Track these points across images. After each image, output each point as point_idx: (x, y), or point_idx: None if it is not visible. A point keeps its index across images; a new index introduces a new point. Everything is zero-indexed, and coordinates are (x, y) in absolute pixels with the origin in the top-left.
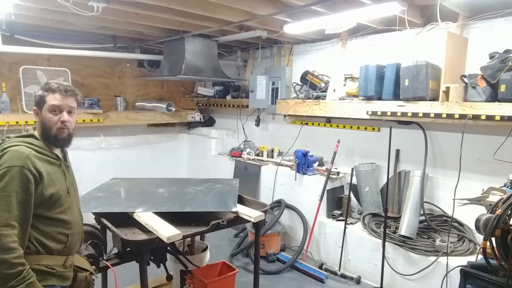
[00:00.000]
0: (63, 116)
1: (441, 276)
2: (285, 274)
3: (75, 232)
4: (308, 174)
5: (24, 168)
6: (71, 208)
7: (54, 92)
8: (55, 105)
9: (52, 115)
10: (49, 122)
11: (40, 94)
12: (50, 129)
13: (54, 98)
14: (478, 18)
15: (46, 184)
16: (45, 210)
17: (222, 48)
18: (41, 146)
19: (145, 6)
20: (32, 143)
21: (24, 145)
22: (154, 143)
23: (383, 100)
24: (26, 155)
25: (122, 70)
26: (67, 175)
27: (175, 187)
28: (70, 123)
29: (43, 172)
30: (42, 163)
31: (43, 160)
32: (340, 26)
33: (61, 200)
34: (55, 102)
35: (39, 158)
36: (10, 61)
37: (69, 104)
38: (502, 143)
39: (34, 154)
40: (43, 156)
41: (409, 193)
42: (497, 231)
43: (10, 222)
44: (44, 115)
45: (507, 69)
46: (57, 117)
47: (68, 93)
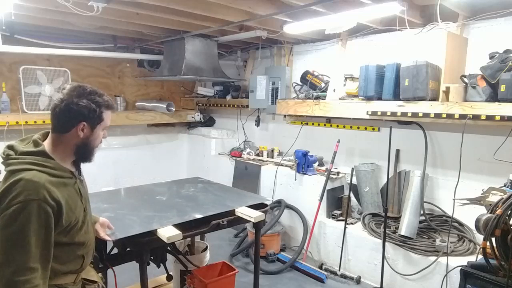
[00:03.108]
0: (105, 132)
1: (441, 276)
2: (285, 274)
3: (90, 249)
4: (308, 174)
5: (42, 201)
6: (88, 226)
7: (110, 108)
8: (108, 126)
9: (100, 134)
10: (98, 141)
11: (96, 109)
12: (94, 149)
13: (109, 117)
14: (478, 18)
15: (65, 213)
16: (62, 237)
17: (222, 48)
18: (55, 166)
19: (145, 6)
20: (45, 165)
21: (37, 170)
22: (154, 143)
23: (383, 100)
24: (42, 185)
25: (122, 70)
26: (82, 191)
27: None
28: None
29: (61, 201)
30: (59, 190)
31: (59, 185)
32: (340, 26)
33: (78, 225)
34: (108, 123)
35: (55, 184)
36: (10, 61)
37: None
38: (502, 143)
39: (49, 181)
40: (59, 179)
41: (409, 193)
42: (497, 231)
43: (29, 265)
44: (96, 132)
45: (507, 69)
46: (102, 135)
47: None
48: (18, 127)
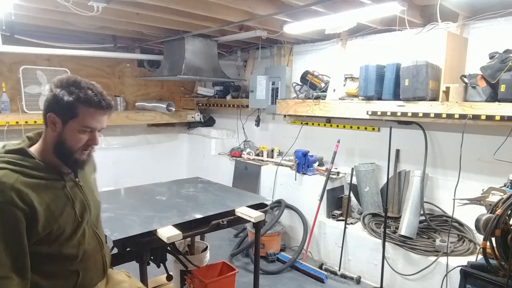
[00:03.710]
0: (95, 139)
1: (441, 276)
2: (285, 274)
3: (91, 264)
4: (308, 174)
5: (8, 204)
6: (84, 236)
7: (92, 105)
8: (90, 126)
9: (79, 135)
10: (74, 142)
11: (69, 101)
12: (72, 151)
13: (90, 116)
14: (478, 18)
15: (43, 220)
16: (44, 247)
17: (222, 48)
18: (34, 166)
19: (145, 6)
20: (21, 164)
21: (10, 169)
22: (154, 143)
23: (383, 100)
24: (10, 185)
25: (122, 70)
26: (77, 195)
27: (166, 191)
28: (96, 145)
29: (37, 205)
30: (36, 192)
31: (37, 187)
32: (340, 26)
33: (65, 234)
34: (91, 124)
35: (31, 186)
36: (10, 61)
37: (103, 125)
38: (502, 143)
39: (23, 181)
40: (38, 180)
41: (409, 193)
42: (497, 231)
43: (1, 274)
44: (67, 131)
45: (507, 69)
46: (85, 136)
47: (109, 110)
48: (18, 127)
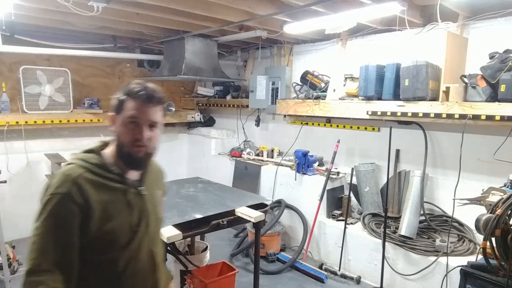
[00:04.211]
0: (142, 132)
1: (441, 276)
2: (285, 274)
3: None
4: (308, 174)
5: (67, 196)
6: (139, 251)
7: (132, 96)
8: (132, 116)
9: (127, 128)
10: (123, 135)
11: (119, 98)
12: (123, 146)
13: (132, 107)
14: (478, 18)
15: (97, 218)
16: (92, 252)
17: (222, 48)
18: (100, 164)
19: (145, 6)
20: (88, 161)
21: (78, 164)
22: None
23: (383, 100)
24: (73, 179)
25: (122, 70)
26: (138, 204)
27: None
28: (151, 141)
29: (92, 201)
30: (96, 190)
31: (99, 186)
32: (340, 26)
33: (119, 242)
34: (134, 114)
35: (93, 183)
36: (10, 61)
37: (150, 118)
38: (502, 143)
39: (86, 178)
40: (101, 179)
41: (409, 193)
42: (497, 231)
43: (43, 267)
44: (118, 125)
45: (507, 69)
46: (132, 129)
47: (151, 101)
48: (18, 127)
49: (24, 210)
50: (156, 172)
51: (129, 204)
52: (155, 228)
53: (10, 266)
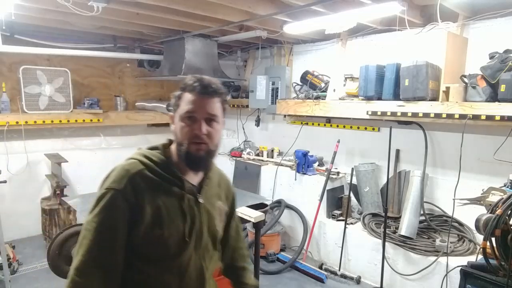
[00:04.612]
0: (199, 127)
1: (441, 276)
2: (285, 274)
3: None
4: (308, 174)
5: (121, 193)
6: (189, 265)
7: (187, 90)
8: (188, 111)
9: (184, 124)
10: (180, 131)
11: (175, 94)
12: (182, 144)
13: (188, 101)
14: (478, 18)
15: (148, 221)
16: (137, 259)
17: (222, 48)
18: (162, 163)
19: (145, 6)
20: (150, 157)
21: (139, 160)
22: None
23: (383, 100)
24: (131, 175)
25: (122, 70)
26: (193, 213)
27: None
28: (210, 137)
29: (145, 202)
30: (152, 191)
31: (155, 186)
32: (340, 26)
33: (169, 252)
34: (189, 108)
35: (151, 182)
36: (10, 61)
37: (208, 110)
38: (502, 143)
39: (145, 176)
40: (159, 179)
41: (409, 193)
42: (497, 231)
43: (86, 268)
44: (176, 122)
45: (507, 69)
46: (189, 124)
47: (207, 92)
48: (18, 127)
49: (24, 210)
50: (220, 181)
51: (183, 212)
52: (208, 242)
53: (10, 266)
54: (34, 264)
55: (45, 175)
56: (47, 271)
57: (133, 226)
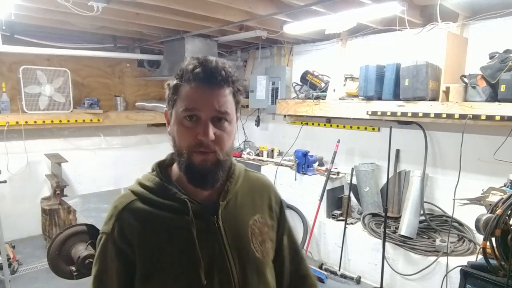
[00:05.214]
0: (204, 130)
1: (441, 276)
2: None
3: None
4: (308, 174)
5: (109, 237)
6: None
7: (188, 80)
8: (187, 109)
9: (183, 126)
10: (179, 136)
11: (171, 84)
12: (181, 154)
13: (187, 94)
14: (478, 18)
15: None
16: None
17: (222, 48)
18: (156, 187)
19: (145, 6)
20: (145, 184)
21: (133, 189)
22: (154, 143)
23: (383, 100)
24: (118, 213)
25: (122, 70)
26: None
27: None
28: (219, 143)
29: (135, 245)
30: (144, 227)
31: (149, 220)
32: (340, 26)
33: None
34: (190, 104)
35: (144, 216)
36: (10, 61)
37: (216, 106)
38: (502, 143)
39: (135, 209)
40: (153, 209)
41: (409, 193)
42: (497, 231)
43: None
44: (173, 123)
45: (507, 69)
46: (191, 127)
47: (212, 81)
48: (18, 127)
49: (24, 210)
50: (254, 188)
51: (193, 247)
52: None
53: (10, 266)
54: (34, 264)
55: (45, 175)
56: (47, 271)
57: (127, 278)
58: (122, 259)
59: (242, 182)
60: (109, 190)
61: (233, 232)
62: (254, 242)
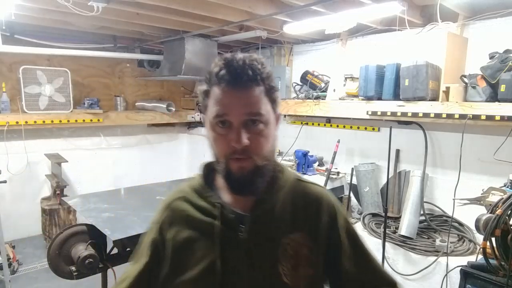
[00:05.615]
0: (236, 136)
1: (441, 276)
2: None
3: None
4: (308, 174)
5: (151, 229)
6: None
7: (216, 83)
8: (217, 115)
9: (216, 133)
10: (214, 143)
11: (202, 89)
12: (218, 160)
13: (215, 98)
14: (478, 18)
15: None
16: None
17: (222, 48)
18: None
19: (145, 6)
20: (191, 182)
21: (181, 187)
22: (154, 143)
23: (383, 100)
24: (163, 207)
25: (122, 70)
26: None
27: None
28: (256, 148)
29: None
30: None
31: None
32: (340, 26)
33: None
34: (217, 108)
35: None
36: (10, 61)
37: (245, 109)
38: (502, 143)
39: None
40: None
41: (409, 193)
42: (497, 231)
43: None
44: (207, 130)
45: (507, 69)
46: (223, 132)
47: (239, 83)
48: (18, 127)
49: (24, 210)
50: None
51: (214, 254)
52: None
53: (10, 266)
54: (34, 264)
55: (45, 175)
56: (47, 271)
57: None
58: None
59: (287, 193)
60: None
61: (260, 248)
62: (284, 264)
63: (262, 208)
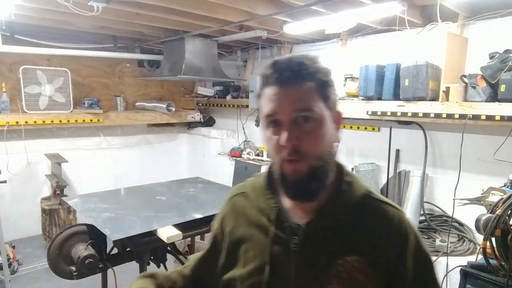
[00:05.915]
0: (284, 134)
1: (441, 276)
2: None
3: None
4: None
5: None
6: None
7: (265, 84)
8: (268, 115)
9: (269, 133)
10: (268, 147)
11: (258, 92)
12: (273, 163)
13: (266, 98)
14: (478, 18)
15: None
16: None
17: (222, 48)
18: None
19: (145, 6)
20: (255, 180)
21: (244, 183)
22: (154, 143)
23: (383, 100)
24: (227, 200)
25: (122, 70)
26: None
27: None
28: (308, 147)
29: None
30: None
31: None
32: (340, 26)
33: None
34: (267, 108)
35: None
36: (10, 61)
37: (293, 106)
38: (502, 143)
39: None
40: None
41: (409, 193)
42: (497, 231)
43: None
44: (264, 128)
45: (507, 69)
46: (273, 133)
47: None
48: (18, 127)
49: (24, 210)
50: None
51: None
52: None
53: (10, 266)
54: (34, 264)
55: (45, 175)
56: (47, 271)
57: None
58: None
59: (352, 209)
60: (109, 190)
61: (310, 265)
62: (334, 287)
63: (320, 221)
